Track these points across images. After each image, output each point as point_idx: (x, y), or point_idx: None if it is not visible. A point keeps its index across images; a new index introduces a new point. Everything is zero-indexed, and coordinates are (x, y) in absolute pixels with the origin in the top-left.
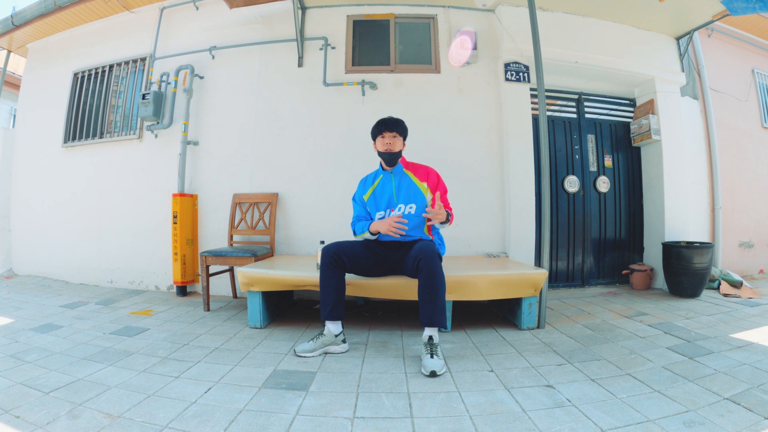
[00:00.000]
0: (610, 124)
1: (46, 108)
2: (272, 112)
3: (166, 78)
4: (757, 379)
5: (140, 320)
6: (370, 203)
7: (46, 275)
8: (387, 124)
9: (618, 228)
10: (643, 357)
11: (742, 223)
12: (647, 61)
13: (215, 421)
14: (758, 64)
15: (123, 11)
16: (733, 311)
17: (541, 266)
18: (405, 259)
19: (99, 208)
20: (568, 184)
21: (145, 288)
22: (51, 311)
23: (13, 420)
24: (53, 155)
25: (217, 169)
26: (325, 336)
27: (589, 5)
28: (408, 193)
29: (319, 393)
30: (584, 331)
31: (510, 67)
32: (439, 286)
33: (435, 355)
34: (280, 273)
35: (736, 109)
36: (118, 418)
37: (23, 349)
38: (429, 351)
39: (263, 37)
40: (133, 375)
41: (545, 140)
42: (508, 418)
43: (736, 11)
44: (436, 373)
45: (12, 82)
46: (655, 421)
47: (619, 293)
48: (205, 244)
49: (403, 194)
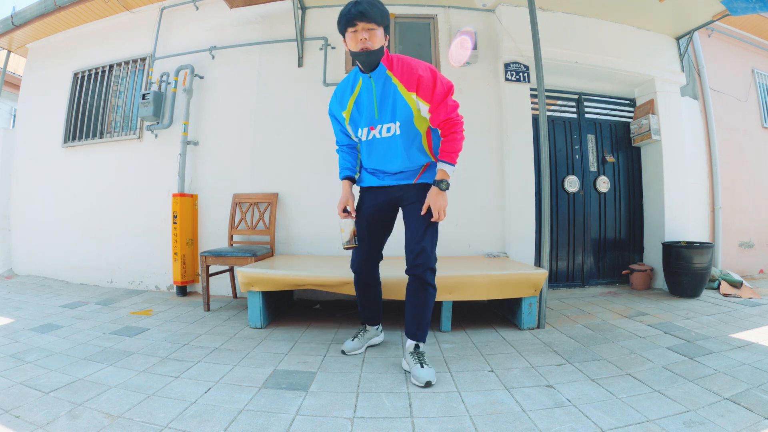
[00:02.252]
0: (610, 124)
1: (46, 108)
2: (272, 112)
3: (166, 78)
4: (757, 379)
5: (140, 320)
6: (352, 121)
7: (46, 275)
8: (359, 11)
9: (618, 228)
10: (643, 357)
11: (742, 223)
12: (647, 61)
13: (215, 421)
14: (758, 64)
15: (123, 11)
16: (733, 311)
17: (541, 266)
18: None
19: (99, 208)
20: (568, 184)
21: (145, 288)
22: (51, 311)
23: (13, 420)
24: (53, 155)
25: (217, 169)
26: (368, 331)
27: (589, 5)
28: (394, 107)
29: (319, 393)
30: (584, 331)
31: (510, 67)
32: (431, 302)
33: (425, 364)
34: (280, 273)
35: (736, 109)
36: (118, 418)
37: (23, 349)
38: (418, 360)
39: (263, 37)
40: (133, 375)
41: (545, 140)
42: (508, 418)
43: (736, 11)
44: (431, 383)
45: (12, 82)
46: (655, 421)
47: (619, 293)
48: (205, 244)
49: (387, 109)
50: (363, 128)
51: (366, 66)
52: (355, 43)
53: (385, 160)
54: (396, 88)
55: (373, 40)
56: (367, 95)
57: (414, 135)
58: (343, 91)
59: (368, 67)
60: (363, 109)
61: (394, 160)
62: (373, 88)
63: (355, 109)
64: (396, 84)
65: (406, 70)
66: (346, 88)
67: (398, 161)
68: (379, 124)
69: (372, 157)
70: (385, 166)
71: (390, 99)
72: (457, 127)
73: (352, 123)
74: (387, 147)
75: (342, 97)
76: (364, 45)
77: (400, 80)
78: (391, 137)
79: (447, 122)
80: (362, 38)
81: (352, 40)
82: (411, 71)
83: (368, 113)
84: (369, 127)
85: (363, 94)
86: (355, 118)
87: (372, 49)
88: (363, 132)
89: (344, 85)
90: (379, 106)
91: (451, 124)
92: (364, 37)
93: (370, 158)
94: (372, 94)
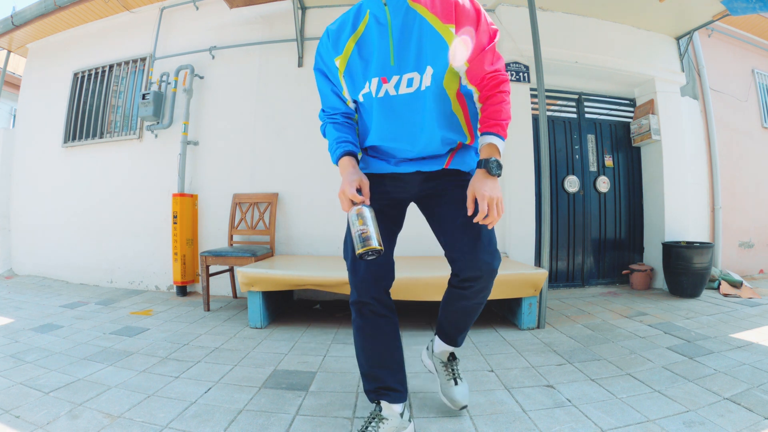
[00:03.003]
0: (610, 124)
1: (46, 108)
2: (272, 112)
3: (166, 78)
4: (757, 379)
5: (140, 320)
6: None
7: (46, 275)
8: None
9: (618, 228)
10: (643, 357)
11: (742, 223)
12: (647, 61)
13: (215, 421)
14: (758, 64)
15: (123, 11)
16: (733, 311)
17: (541, 266)
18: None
19: (99, 207)
20: (568, 184)
21: (145, 288)
22: (51, 311)
23: (13, 420)
24: (53, 155)
25: (217, 169)
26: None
27: (589, 5)
28: (420, 47)
29: (319, 393)
30: (584, 331)
31: (510, 67)
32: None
33: (459, 380)
34: (280, 273)
35: (736, 109)
36: (118, 418)
37: (23, 349)
38: (452, 374)
39: (263, 37)
40: (133, 375)
41: (545, 140)
42: (508, 418)
43: (736, 11)
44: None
45: (12, 82)
46: (655, 421)
47: (619, 293)
48: (205, 244)
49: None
50: (370, 80)
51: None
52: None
53: (403, 132)
54: (425, 20)
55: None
56: (379, 32)
57: (444, 97)
58: (340, 29)
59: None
60: (371, 52)
61: (419, 132)
62: (388, 21)
63: (356, 53)
64: (424, 15)
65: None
66: (345, 26)
67: (425, 134)
68: (395, 74)
69: (383, 127)
70: (404, 141)
71: (415, 35)
72: (506, 85)
73: (349, 75)
74: (408, 109)
75: (338, 37)
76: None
77: (431, 9)
78: (414, 93)
79: (494, 77)
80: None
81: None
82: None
83: (380, 58)
84: (380, 77)
85: (371, 32)
86: (355, 66)
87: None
88: (369, 86)
89: (342, 22)
90: (397, 47)
91: (499, 80)
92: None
93: (379, 129)
94: (387, 30)
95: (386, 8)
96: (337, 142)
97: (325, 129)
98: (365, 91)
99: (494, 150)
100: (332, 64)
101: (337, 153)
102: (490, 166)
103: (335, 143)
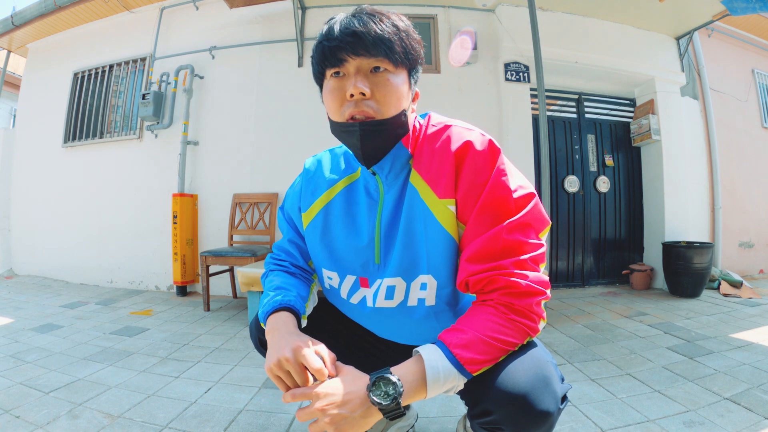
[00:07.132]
0: (610, 124)
1: (46, 108)
2: (272, 112)
3: (166, 78)
4: (757, 379)
5: (140, 320)
6: (313, 248)
7: (46, 275)
8: (352, 31)
9: (618, 228)
10: (643, 357)
11: (742, 223)
12: (647, 61)
13: (215, 421)
14: (758, 64)
15: (123, 11)
16: (733, 311)
17: None
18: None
19: (99, 208)
20: (568, 184)
21: (145, 288)
22: (51, 311)
23: (13, 420)
24: (53, 155)
25: (217, 169)
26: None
27: (589, 5)
28: (414, 240)
29: None
30: (584, 331)
31: (510, 67)
32: None
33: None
34: None
35: (736, 109)
36: (118, 418)
37: (23, 349)
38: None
39: (263, 37)
40: (133, 375)
41: (545, 140)
42: None
43: (736, 11)
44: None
45: (12, 82)
46: (655, 421)
47: (619, 293)
48: (205, 244)
49: (399, 244)
50: (343, 277)
51: (365, 154)
52: (340, 102)
53: (388, 332)
54: (424, 206)
55: (383, 95)
56: (361, 208)
57: (448, 307)
58: (312, 178)
59: (368, 156)
60: (344, 233)
61: (408, 335)
62: (380, 196)
63: (321, 225)
64: (420, 191)
65: (434, 156)
66: (317, 176)
67: (417, 335)
68: (379, 278)
69: (363, 323)
70: (387, 335)
71: (408, 221)
72: (517, 288)
73: (315, 252)
74: (397, 323)
75: (307, 186)
76: (360, 109)
77: (425, 178)
78: (408, 309)
79: (488, 276)
80: (354, 91)
81: (332, 95)
82: (442, 150)
83: (357, 250)
84: (359, 278)
85: (351, 203)
86: (319, 246)
87: (376, 118)
88: (341, 284)
89: (316, 167)
90: (386, 241)
91: (502, 281)
92: (359, 89)
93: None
94: (376, 210)
95: (377, 178)
96: (276, 288)
97: (266, 277)
98: (334, 284)
99: (416, 369)
100: (296, 215)
101: (272, 303)
102: (379, 390)
103: (273, 290)
